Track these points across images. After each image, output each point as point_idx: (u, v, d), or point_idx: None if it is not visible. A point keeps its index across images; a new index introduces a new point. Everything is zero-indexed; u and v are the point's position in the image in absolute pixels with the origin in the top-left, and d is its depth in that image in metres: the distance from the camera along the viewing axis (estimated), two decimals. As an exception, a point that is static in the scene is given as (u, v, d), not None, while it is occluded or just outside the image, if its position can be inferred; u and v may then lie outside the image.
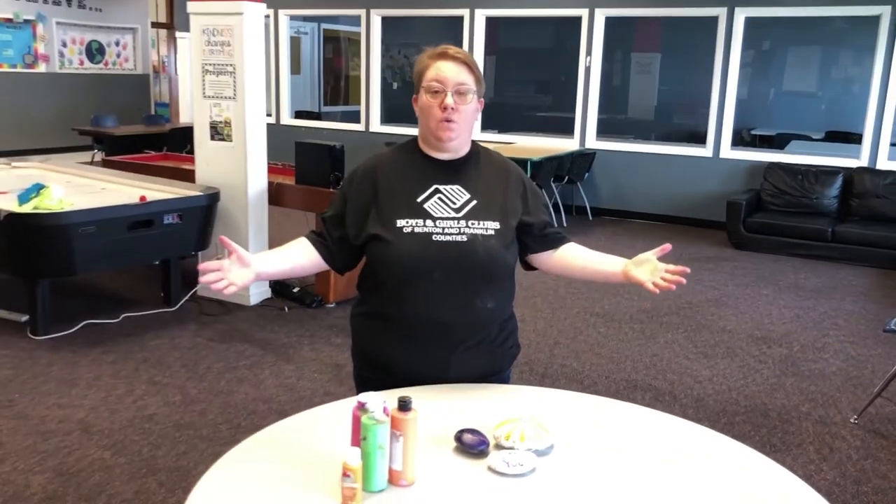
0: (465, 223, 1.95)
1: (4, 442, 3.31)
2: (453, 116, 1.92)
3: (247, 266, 1.87)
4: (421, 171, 2.01)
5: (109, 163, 6.42)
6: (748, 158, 8.34)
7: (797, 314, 5.48)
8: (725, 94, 8.29)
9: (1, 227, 4.17)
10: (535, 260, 2.13)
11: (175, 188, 5.05)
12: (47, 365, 4.12)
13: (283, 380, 4.06)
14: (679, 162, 8.65)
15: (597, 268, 2.08)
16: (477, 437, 1.70)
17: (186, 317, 4.97)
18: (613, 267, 2.04)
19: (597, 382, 4.17)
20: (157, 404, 3.72)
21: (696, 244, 7.66)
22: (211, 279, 1.81)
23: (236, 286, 1.84)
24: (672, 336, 4.93)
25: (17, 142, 11.77)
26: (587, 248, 2.12)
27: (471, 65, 1.95)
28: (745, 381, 4.27)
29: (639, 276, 1.98)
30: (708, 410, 3.87)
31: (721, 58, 8.25)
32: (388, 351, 2.01)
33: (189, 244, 4.95)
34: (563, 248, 2.12)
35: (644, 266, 1.98)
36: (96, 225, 4.31)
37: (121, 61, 13.56)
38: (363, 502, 1.49)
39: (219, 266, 1.82)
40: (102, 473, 3.09)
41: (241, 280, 1.85)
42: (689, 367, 4.44)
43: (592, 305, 5.54)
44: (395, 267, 1.94)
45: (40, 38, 12.32)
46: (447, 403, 1.90)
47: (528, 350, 4.59)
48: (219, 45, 5.02)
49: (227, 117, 5.09)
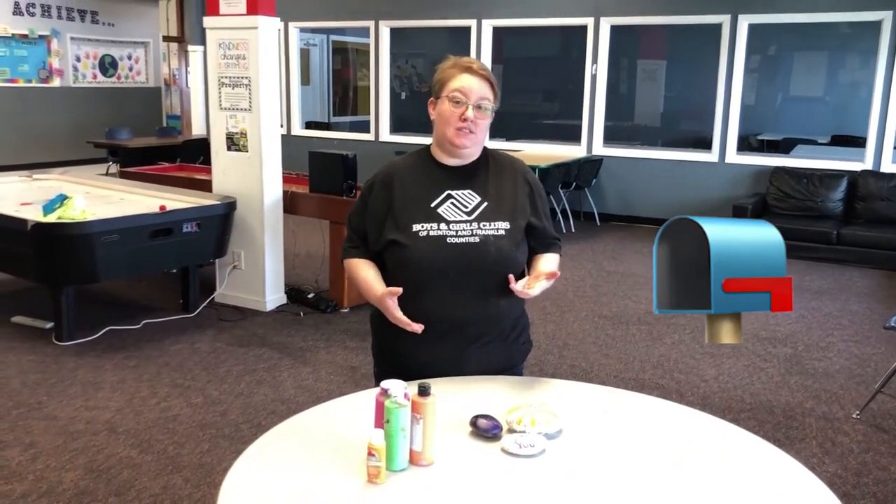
0: (477, 225, 2.08)
1: (36, 441, 3.44)
2: (472, 128, 2.05)
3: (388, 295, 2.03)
4: (434, 177, 2.14)
5: (126, 174, 6.58)
6: (754, 163, 8.45)
7: (802, 315, 5.58)
8: (730, 100, 8.41)
9: (27, 236, 4.32)
10: None
11: (193, 197, 5.20)
12: (73, 369, 4.27)
13: (301, 382, 4.19)
14: (685, 167, 8.76)
15: None
16: (491, 422, 1.83)
17: (205, 322, 5.10)
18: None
19: (605, 382, 4.28)
20: (180, 406, 3.85)
21: (703, 248, 7.74)
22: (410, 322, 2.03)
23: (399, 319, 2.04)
24: (679, 337, 5.04)
25: (34, 155, 11.99)
26: (548, 260, 2.20)
27: (493, 82, 2.08)
28: (750, 379, 4.37)
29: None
30: (714, 408, 3.98)
31: (725, 64, 8.37)
32: (407, 348, 2.13)
33: (207, 252, 5.09)
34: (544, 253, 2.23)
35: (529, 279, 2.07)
36: (118, 233, 4.46)
37: (133, 75, 13.79)
38: (386, 480, 1.62)
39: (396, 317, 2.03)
40: (130, 470, 3.22)
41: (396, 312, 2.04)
42: (696, 366, 4.55)
43: (601, 308, 5.65)
44: (412, 269, 2.06)
45: (55, 53, 12.56)
46: (463, 393, 2.02)
47: (537, 352, 4.70)
48: (234, 58, 5.17)
49: (242, 128, 5.24)
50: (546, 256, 2.21)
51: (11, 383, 4.07)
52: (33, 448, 3.38)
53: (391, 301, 2.03)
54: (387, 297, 2.03)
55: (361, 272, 2.15)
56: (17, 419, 3.66)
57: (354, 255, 2.18)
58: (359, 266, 2.17)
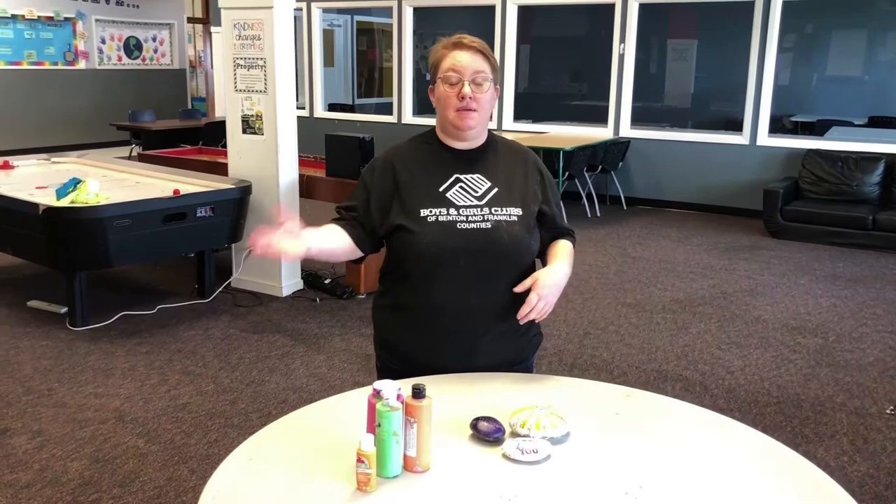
0: (488, 210, 1.96)
1: (44, 429, 3.40)
2: (472, 105, 1.93)
3: (297, 236, 1.84)
4: (440, 161, 2.02)
5: (145, 157, 6.53)
6: (786, 146, 8.20)
7: (834, 303, 5.38)
8: (762, 80, 8.15)
9: (39, 221, 4.27)
10: None
11: (208, 181, 5.13)
12: (85, 355, 4.22)
13: (314, 370, 4.11)
14: (715, 150, 8.53)
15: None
16: (493, 424, 1.71)
17: (220, 308, 5.04)
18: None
19: (626, 373, 4.15)
20: (190, 394, 3.79)
21: (732, 233, 7.55)
22: (262, 244, 1.78)
23: (289, 255, 1.82)
24: (704, 326, 4.88)
25: (59, 137, 12.03)
26: (561, 249, 2.06)
27: (486, 53, 1.95)
28: (777, 371, 4.21)
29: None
30: (739, 401, 3.83)
31: (758, 43, 8.11)
32: (415, 341, 2.02)
33: (222, 236, 5.02)
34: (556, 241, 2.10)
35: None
36: (131, 218, 4.40)
37: (158, 57, 13.77)
38: (378, 487, 1.51)
39: (268, 236, 1.79)
40: (136, 461, 3.16)
41: (293, 249, 1.82)
42: (721, 357, 4.39)
43: (624, 296, 5.50)
44: (421, 256, 1.94)
45: (80, 35, 12.57)
46: (466, 391, 1.91)
47: (557, 341, 4.58)
48: (249, 38, 5.07)
49: (258, 111, 5.14)
50: (560, 244, 2.08)
51: (24, 369, 4.04)
52: (41, 436, 3.34)
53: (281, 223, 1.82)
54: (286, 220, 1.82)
55: (325, 227, 2.00)
56: (27, 406, 3.62)
57: (338, 223, 2.03)
58: (327, 226, 2.01)
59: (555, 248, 2.07)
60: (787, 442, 3.41)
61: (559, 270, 1.97)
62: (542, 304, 1.91)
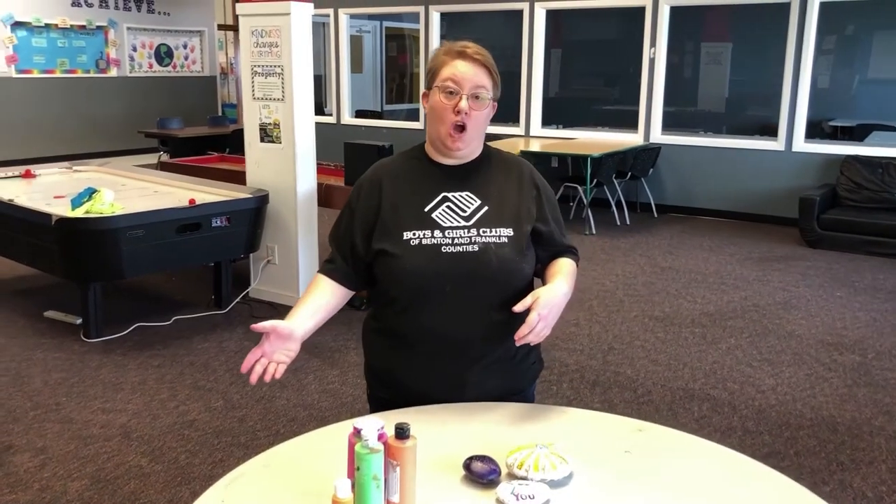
0: (475, 231, 1.82)
1: (48, 446, 3.33)
2: (466, 122, 1.80)
3: (288, 338, 1.76)
4: (428, 178, 1.89)
5: (167, 165, 6.50)
6: (823, 151, 7.92)
7: (874, 318, 5.14)
8: (798, 84, 7.89)
9: (52, 231, 4.23)
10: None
11: (225, 191, 5.05)
12: (96, 368, 4.16)
13: (326, 385, 4.00)
14: (749, 156, 8.28)
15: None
16: (487, 464, 1.57)
17: (236, 319, 4.96)
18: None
19: (651, 391, 3.97)
20: (199, 409, 3.70)
21: (767, 242, 7.31)
22: (258, 371, 1.72)
23: (286, 364, 1.76)
24: (735, 341, 4.68)
25: (91, 145, 12.15)
26: (562, 264, 1.91)
27: (489, 67, 1.82)
28: (812, 391, 4.00)
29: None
30: (770, 423, 3.63)
31: (794, 46, 7.85)
32: (402, 370, 1.90)
33: (238, 247, 4.94)
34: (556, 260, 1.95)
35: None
36: (144, 229, 4.33)
37: (188, 64, 13.85)
38: (355, 538, 1.38)
39: (260, 353, 1.72)
40: (138, 481, 3.07)
41: (287, 356, 1.76)
42: (752, 375, 4.19)
43: (652, 308, 5.31)
44: (404, 282, 1.82)
45: (112, 43, 12.68)
46: (460, 425, 1.77)
47: (580, 357, 4.42)
48: (267, 46, 4.99)
49: (275, 119, 5.06)
50: (560, 262, 1.92)
51: (34, 382, 3.98)
52: (43, 454, 3.26)
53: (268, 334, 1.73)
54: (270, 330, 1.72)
55: (309, 294, 1.88)
56: (33, 421, 3.56)
57: (325, 272, 1.92)
58: (316, 286, 1.90)
59: (554, 266, 1.91)
60: (820, 469, 3.23)
61: (559, 290, 1.82)
62: (541, 325, 1.76)
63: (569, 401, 3.83)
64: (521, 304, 1.77)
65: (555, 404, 3.86)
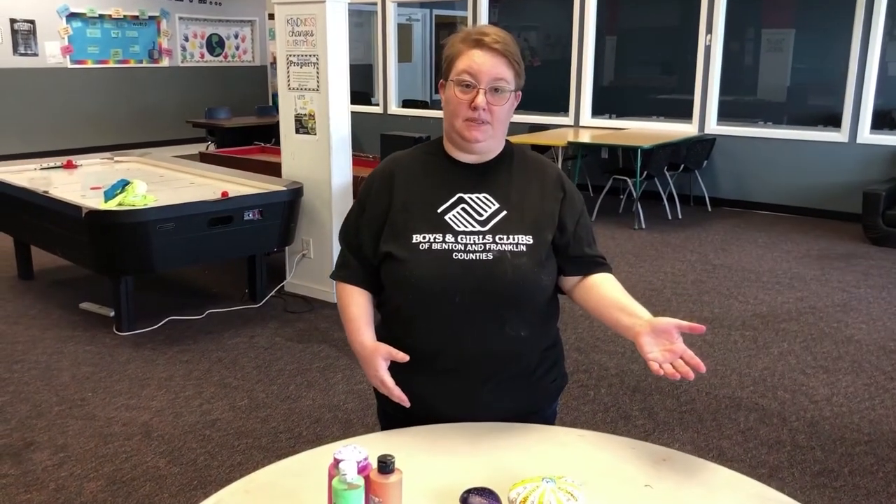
0: (491, 238, 1.66)
1: (69, 444, 3.28)
2: (484, 117, 1.63)
3: (379, 353, 1.69)
4: (444, 176, 1.73)
5: (206, 156, 6.46)
6: (891, 143, 7.49)
7: (941, 323, 4.80)
8: (865, 72, 7.47)
9: (83, 224, 4.19)
10: (562, 282, 1.79)
11: (259, 183, 4.97)
12: (125, 363, 4.11)
13: (354, 385, 3.87)
14: (809, 148, 7.89)
15: (612, 314, 1.68)
16: (487, 499, 1.41)
17: (269, 314, 4.88)
18: (628, 322, 1.64)
19: (695, 399, 3.75)
20: (223, 409, 3.61)
21: (827, 239, 6.95)
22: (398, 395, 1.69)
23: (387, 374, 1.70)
24: (788, 346, 4.41)
25: (143, 134, 12.29)
26: (618, 287, 1.73)
27: (510, 56, 1.64)
28: (871, 402, 3.72)
29: (647, 348, 1.58)
30: (822, 437, 3.38)
31: (861, 30, 7.44)
32: (408, 385, 1.75)
33: (271, 240, 4.85)
34: (594, 276, 1.76)
35: (660, 338, 1.58)
36: (175, 222, 4.26)
37: (239, 53, 13.89)
38: (328, 585, 1.24)
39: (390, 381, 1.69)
40: (153, 483, 2.99)
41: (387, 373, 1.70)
42: (805, 383, 3.93)
43: (700, 309, 5.05)
44: (410, 290, 1.67)
45: (164, 33, 12.78)
46: (466, 448, 1.61)
47: (620, 360, 4.21)
48: (302, 35, 4.88)
49: (310, 110, 4.94)
50: (615, 286, 1.73)
51: (62, 376, 3.95)
52: (63, 451, 3.21)
53: (381, 362, 1.66)
54: (378, 357, 1.67)
55: (349, 308, 1.76)
56: (57, 417, 3.52)
57: (343, 279, 1.80)
58: (348, 297, 1.78)
59: (614, 290, 1.72)
60: (878, 490, 2.97)
61: None
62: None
63: (606, 408, 3.63)
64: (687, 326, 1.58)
65: (591, 411, 3.67)
